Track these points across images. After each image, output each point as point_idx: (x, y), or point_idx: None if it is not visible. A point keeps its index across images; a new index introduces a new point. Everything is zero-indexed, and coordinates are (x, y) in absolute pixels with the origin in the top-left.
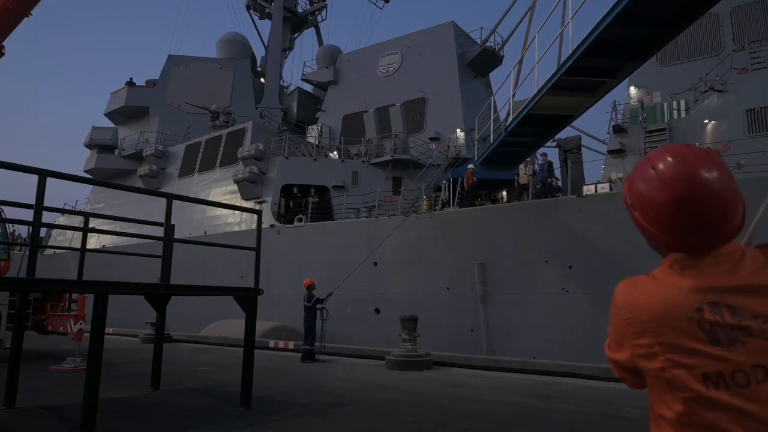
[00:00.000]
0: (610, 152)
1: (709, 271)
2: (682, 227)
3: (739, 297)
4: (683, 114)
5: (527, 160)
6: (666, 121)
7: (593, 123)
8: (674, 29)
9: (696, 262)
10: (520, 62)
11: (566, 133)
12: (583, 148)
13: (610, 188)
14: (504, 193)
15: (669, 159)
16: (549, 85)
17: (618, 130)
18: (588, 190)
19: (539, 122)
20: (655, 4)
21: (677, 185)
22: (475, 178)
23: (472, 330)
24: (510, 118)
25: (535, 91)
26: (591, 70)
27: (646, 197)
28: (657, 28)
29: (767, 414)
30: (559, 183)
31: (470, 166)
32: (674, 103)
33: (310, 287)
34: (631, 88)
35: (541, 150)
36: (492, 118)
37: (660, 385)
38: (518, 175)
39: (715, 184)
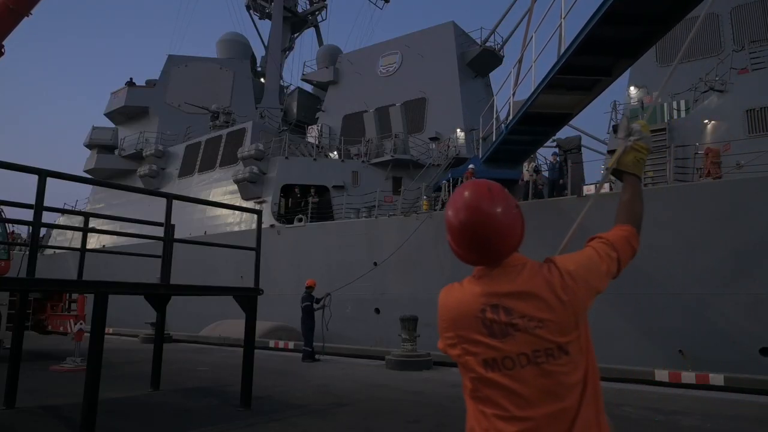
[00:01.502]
0: (610, 152)
1: (495, 280)
2: (465, 245)
3: (513, 300)
4: (683, 114)
5: (531, 158)
6: (666, 121)
7: (593, 123)
8: (663, 27)
9: (488, 273)
10: (520, 61)
11: (566, 133)
12: (583, 148)
13: (610, 188)
14: None
15: (457, 193)
16: (544, 83)
17: (618, 130)
18: (588, 190)
19: (538, 120)
20: (642, 3)
21: (457, 213)
22: (474, 178)
23: None
24: (510, 117)
25: (532, 90)
26: (585, 69)
27: (446, 222)
28: (646, 27)
29: (525, 390)
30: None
31: (471, 166)
32: (674, 103)
33: (309, 288)
34: (631, 88)
35: (553, 150)
36: (494, 117)
37: (462, 367)
38: (522, 173)
39: (485, 214)
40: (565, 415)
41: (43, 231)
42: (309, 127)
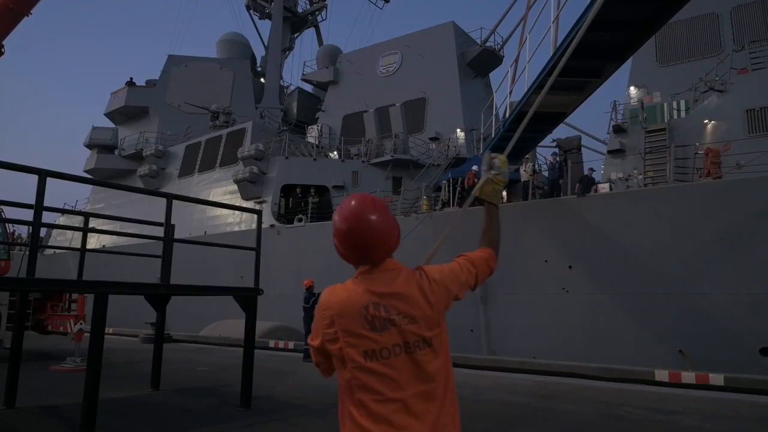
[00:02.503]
0: (610, 152)
1: (376, 282)
2: (349, 246)
3: (391, 300)
4: (683, 114)
5: (527, 158)
6: (666, 121)
7: (593, 123)
8: (646, 32)
9: (369, 275)
10: (516, 61)
11: (566, 133)
12: (583, 148)
13: (610, 188)
14: (504, 193)
15: (345, 202)
16: (535, 85)
17: (618, 130)
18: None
19: (534, 119)
20: (623, 11)
21: (342, 221)
22: (476, 179)
23: (472, 330)
24: (507, 116)
25: (525, 90)
26: (575, 71)
27: (334, 226)
28: (629, 32)
29: (397, 376)
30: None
31: (474, 167)
32: (674, 103)
33: (309, 288)
34: (631, 88)
35: (553, 150)
36: (493, 116)
37: (339, 362)
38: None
39: (365, 223)
40: (428, 395)
41: (43, 231)
42: (309, 127)
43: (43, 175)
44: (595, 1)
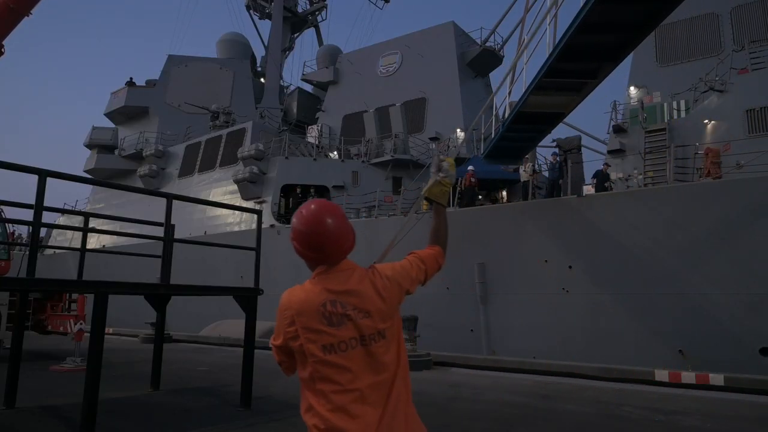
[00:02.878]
0: (610, 152)
1: (332, 281)
2: (306, 245)
3: (347, 297)
4: (683, 114)
5: (526, 158)
6: (666, 121)
7: (593, 123)
8: (639, 34)
9: (326, 275)
10: (515, 62)
11: (566, 133)
12: (583, 148)
13: (610, 188)
14: (504, 193)
15: (305, 206)
16: (532, 86)
17: (618, 130)
18: (588, 190)
19: (533, 119)
20: (614, 13)
21: (301, 224)
22: (473, 180)
23: (472, 330)
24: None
25: (523, 91)
26: (571, 72)
27: (292, 227)
28: (621, 34)
29: (354, 367)
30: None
31: (470, 167)
32: (674, 103)
33: None
34: (631, 88)
35: (553, 150)
36: (493, 116)
37: (300, 357)
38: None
39: (323, 226)
40: (383, 385)
41: (43, 231)
42: (309, 127)
43: (43, 175)
44: (585, 4)
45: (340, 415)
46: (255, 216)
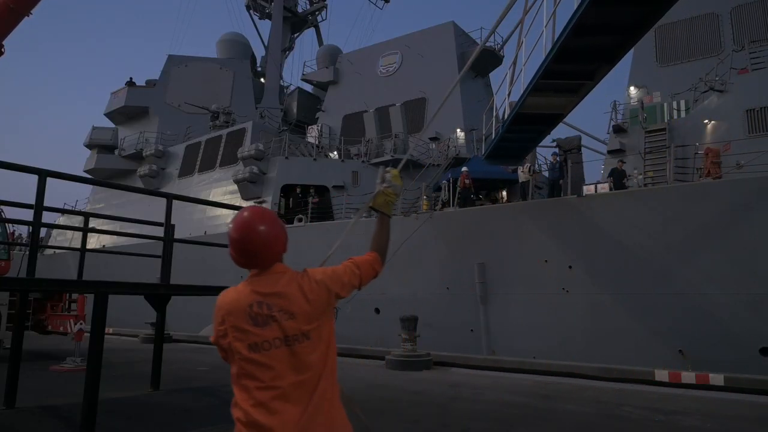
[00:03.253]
0: (610, 152)
1: (262, 283)
2: (239, 252)
3: (273, 299)
4: (683, 114)
5: (526, 158)
6: (666, 121)
7: (593, 123)
8: (634, 35)
9: (257, 277)
10: (514, 64)
11: (566, 133)
12: (583, 148)
13: (610, 188)
14: (504, 193)
15: (239, 214)
16: (529, 88)
17: (618, 130)
18: (588, 190)
19: (532, 120)
20: (607, 15)
21: (234, 231)
22: (467, 180)
23: (472, 330)
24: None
25: (521, 93)
26: (568, 74)
27: (228, 235)
28: (616, 36)
29: (277, 365)
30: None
31: (464, 168)
32: (674, 103)
33: None
34: (631, 88)
35: (553, 150)
36: (493, 116)
37: (230, 354)
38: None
39: (254, 232)
40: (307, 384)
41: (43, 231)
42: (309, 127)
43: (43, 175)
44: (579, 6)
45: (261, 411)
46: None
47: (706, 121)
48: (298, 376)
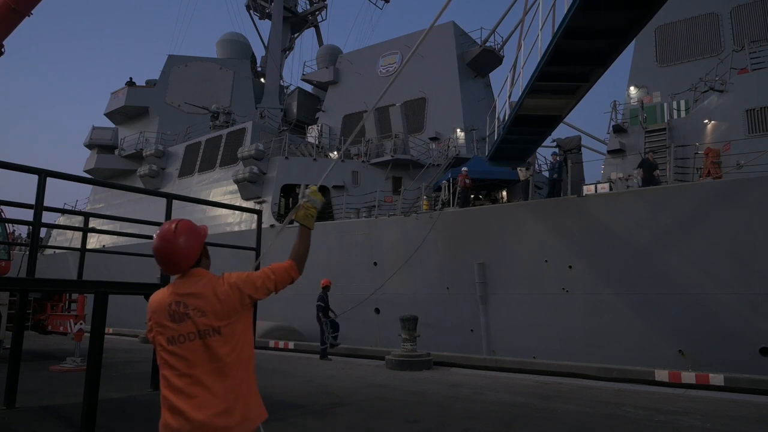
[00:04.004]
0: (610, 152)
1: (182, 285)
2: (159, 261)
3: (189, 298)
4: (683, 114)
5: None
6: (666, 121)
7: (593, 123)
8: (624, 39)
9: (180, 280)
10: (514, 66)
11: (566, 133)
12: (583, 148)
13: (610, 188)
14: (504, 193)
15: (159, 229)
16: (526, 90)
17: (618, 130)
18: (588, 190)
19: (532, 122)
20: (598, 20)
21: (153, 243)
22: (467, 180)
23: (472, 330)
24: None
25: (520, 94)
26: (563, 76)
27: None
28: (606, 39)
29: (191, 356)
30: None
31: (464, 169)
32: (674, 103)
33: (326, 287)
34: (631, 88)
35: (553, 150)
36: (496, 117)
37: (155, 346)
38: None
39: (172, 244)
40: (217, 372)
41: (43, 231)
42: (309, 127)
43: (42, 175)
44: (568, 11)
45: (178, 396)
46: (255, 216)
47: (706, 121)
48: (210, 365)
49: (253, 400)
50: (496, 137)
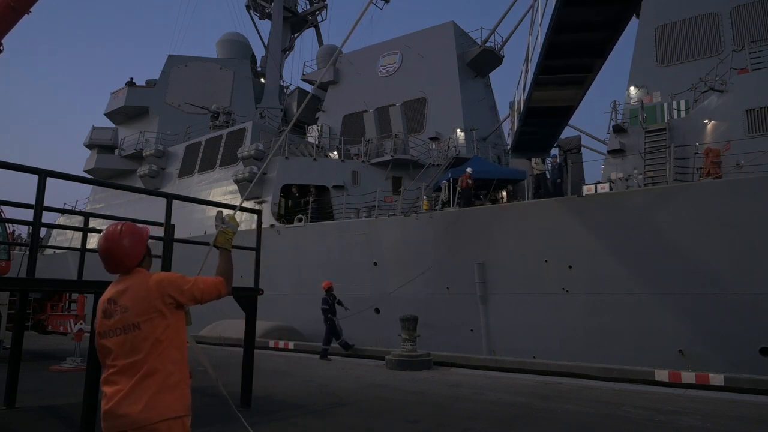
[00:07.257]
0: (610, 152)
1: (119, 284)
2: (103, 261)
3: (120, 296)
4: (683, 114)
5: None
6: (666, 121)
7: (593, 123)
8: (615, 30)
9: (120, 278)
10: (527, 59)
11: (566, 133)
12: (583, 148)
13: (610, 188)
14: (504, 193)
15: (108, 227)
16: (532, 84)
17: (618, 130)
18: (588, 190)
19: (545, 113)
20: (584, 15)
21: (99, 241)
22: (470, 181)
23: (472, 330)
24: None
25: (527, 88)
26: (565, 68)
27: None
28: (598, 32)
29: (116, 349)
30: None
31: (468, 169)
32: (674, 103)
33: (329, 290)
34: (631, 88)
35: (553, 152)
36: (515, 110)
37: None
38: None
39: (113, 243)
40: (137, 363)
41: (43, 231)
42: (309, 127)
43: (42, 175)
44: (555, 8)
45: (105, 383)
46: (255, 216)
47: (706, 121)
48: (129, 358)
49: (170, 396)
50: (494, 136)
